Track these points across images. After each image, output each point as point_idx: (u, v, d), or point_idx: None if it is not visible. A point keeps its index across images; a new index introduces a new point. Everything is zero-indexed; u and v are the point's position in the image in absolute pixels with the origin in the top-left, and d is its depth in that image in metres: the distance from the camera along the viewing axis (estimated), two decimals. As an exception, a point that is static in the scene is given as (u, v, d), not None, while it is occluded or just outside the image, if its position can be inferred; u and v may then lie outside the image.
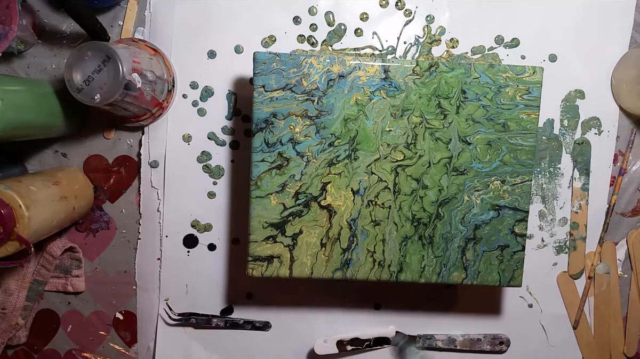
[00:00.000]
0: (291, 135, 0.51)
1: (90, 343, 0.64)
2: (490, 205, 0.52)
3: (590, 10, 0.60)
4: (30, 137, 0.56)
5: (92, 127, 0.61)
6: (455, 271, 0.53)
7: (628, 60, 0.59)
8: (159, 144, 0.61)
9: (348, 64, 0.51)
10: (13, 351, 0.64)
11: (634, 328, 0.63)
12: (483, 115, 0.51)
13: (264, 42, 0.60)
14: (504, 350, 0.63)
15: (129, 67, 0.49)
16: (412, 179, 0.52)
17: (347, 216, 0.52)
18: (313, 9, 0.59)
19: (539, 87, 0.51)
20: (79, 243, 0.63)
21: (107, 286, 0.63)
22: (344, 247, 0.52)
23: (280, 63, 0.50)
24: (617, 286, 0.63)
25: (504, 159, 0.52)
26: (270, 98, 0.51)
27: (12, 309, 0.60)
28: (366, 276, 0.53)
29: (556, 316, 0.63)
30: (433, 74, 0.51)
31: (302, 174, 0.52)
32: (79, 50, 0.49)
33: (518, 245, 0.53)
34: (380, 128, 0.51)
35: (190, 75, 0.60)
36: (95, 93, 0.49)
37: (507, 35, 0.60)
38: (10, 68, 0.60)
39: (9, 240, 0.47)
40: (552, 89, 0.60)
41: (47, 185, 0.53)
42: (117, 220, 0.62)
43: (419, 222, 0.52)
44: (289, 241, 0.52)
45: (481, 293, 0.63)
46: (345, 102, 0.51)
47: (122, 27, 0.60)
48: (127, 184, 0.62)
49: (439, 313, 0.63)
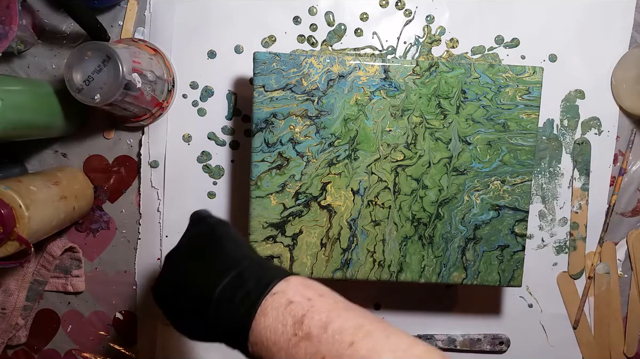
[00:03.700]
0: (291, 135, 0.51)
1: (90, 343, 0.64)
2: (490, 205, 0.52)
3: (590, 10, 0.60)
4: (30, 137, 0.56)
5: (92, 127, 0.61)
6: (455, 271, 0.53)
7: (628, 60, 0.59)
8: (159, 144, 0.61)
9: (348, 64, 0.51)
10: (13, 351, 0.64)
11: (634, 328, 0.63)
12: (483, 115, 0.51)
13: (264, 42, 0.60)
14: (504, 350, 0.63)
15: (129, 67, 0.49)
16: (412, 179, 0.52)
17: (347, 216, 0.52)
18: (313, 9, 0.59)
19: (539, 87, 0.51)
20: (79, 243, 0.63)
21: (107, 286, 0.63)
22: (344, 247, 0.52)
23: (280, 63, 0.50)
24: (617, 286, 0.63)
25: (504, 159, 0.52)
26: (270, 98, 0.51)
27: (12, 309, 0.60)
28: (366, 276, 0.53)
29: (556, 316, 0.63)
30: (433, 74, 0.51)
31: (302, 174, 0.52)
32: (79, 50, 0.49)
33: (518, 245, 0.53)
34: (380, 128, 0.51)
35: (190, 75, 0.60)
36: (95, 93, 0.49)
37: (507, 35, 0.60)
38: (10, 68, 0.60)
39: (9, 240, 0.47)
40: (552, 89, 0.60)
41: (47, 185, 0.53)
42: (117, 220, 0.62)
43: (419, 222, 0.52)
44: (289, 241, 0.52)
45: (481, 293, 0.63)
46: (345, 102, 0.51)
47: (122, 27, 0.60)
48: (127, 184, 0.62)
49: (439, 313, 0.63)
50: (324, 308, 0.32)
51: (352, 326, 0.31)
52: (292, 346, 0.31)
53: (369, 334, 0.30)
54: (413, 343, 0.30)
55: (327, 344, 0.30)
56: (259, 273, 0.35)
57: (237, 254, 0.38)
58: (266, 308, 0.32)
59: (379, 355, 0.29)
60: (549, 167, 0.61)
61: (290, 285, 0.34)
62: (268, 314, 0.32)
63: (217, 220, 0.43)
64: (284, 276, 0.35)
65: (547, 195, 0.62)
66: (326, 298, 0.33)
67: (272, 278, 0.34)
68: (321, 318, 0.31)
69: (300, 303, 0.32)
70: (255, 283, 0.34)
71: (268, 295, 0.33)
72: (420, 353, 0.29)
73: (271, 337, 0.32)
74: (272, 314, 0.32)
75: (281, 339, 0.31)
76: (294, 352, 0.31)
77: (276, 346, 0.31)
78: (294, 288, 0.34)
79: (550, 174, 0.61)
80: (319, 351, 0.30)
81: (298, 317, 0.32)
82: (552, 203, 0.62)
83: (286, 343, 0.31)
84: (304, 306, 0.32)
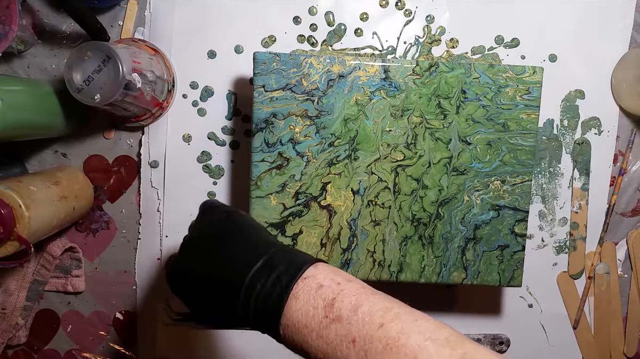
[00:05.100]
0: (291, 135, 0.51)
1: (90, 343, 0.64)
2: (490, 205, 0.52)
3: (590, 10, 0.60)
4: (30, 137, 0.56)
5: (92, 127, 0.61)
6: (455, 271, 0.53)
7: (628, 60, 0.59)
8: (159, 144, 0.61)
9: (348, 64, 0.51)
10: (13, 351, 0.64)
11: (634, 328, 0.63)
12: (483, 115, 0.51)
13: (264, 42, 0.60)
14: (504, 350, 0.63)
15: (129, 67, 0.49)
16: (412, 179, 0.52)
17: (347, 216, 0.52)
18: (313, 9, 0.59)
19: (539, 87, 0.51)
20: (79, 243, 0.63)
21: (107, 286, 0.63)
22: (344, 247, 0.52)
23: (280, 63, 0.50)
24: (617, 286, 0.63)
25: (504, 159, 0.52)
26: (270, 98, 0.51)
27: (12, 309, 0.60)
28: (366, 276, 0.53)
29: (556, 316, 0.63)
30: (433, 74, 0.51)
31: (302, 174, 0.52)
32: (79, 50, 0.49)
33: (518, 245, 0.53)
34: (380, 128, 0.51)
35: (190, 75, 0.60)
36: (95, 93, 0.49)
37: (507, 35, 0.60)
38: (10, 68, 0.60)
39: (9, 240, 0.47)
40: (552, 89, 0.60)
41: (47, 185, 0.53)
42: (117, 220, 0.62)
43: (419, 222, 0.52)
44: (289, 241, 0.52)
45: (481, 293, 0.63)
46: (345, 102, 0.51)
47: (122, 27, 0.60)
48: (127, 184, 0.62)
49: (439, 313, 0.63)
50: (352, 291, 0.33)
51: (380, 308, 0.32)
52: (323, 328, 0.32)
53: (397, 316, 0.31)
54: (440, 326, 0.32)
55: (357, 325, 0.31)
56: (289, 258, 0.36)
57: (262, 240, 0.39)
58: (297, 291, 0.34)
59: (407, 337, 0.30)
60: (549, 167, 0.61)
61: (319, 270, 0.35)
62: (300, 297, 0.33)
63: (232, 209, 0.44)
64: (313, 261, 0.36)
65: (547, 195, 0.62)
66: (354, 283, 0.35)
67: (302, 263, 0.35)
68: (351, 301, 0.32)
69: (331, 287, 0.33)
70: (286, 267, 0.35)
71: (299, 279, 0.34)
72: (447, 335, 0.30)
73: (302, 320, 0.33)
74: (303, 298, 0.33)
75: (312, 321, 0.32)
76: (325, 333, 0.32)
77: (307, 329, 0.33)
78: (323, 272, 0.35)
79: (550, 174, 0.61)
80: (349, 332, 0.31)
81: (329, 300, 0.33)
82: (552, 203, 0.62)
83: (317, 325, 0.32)
84: (334, 289, 0.33)
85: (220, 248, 0.38)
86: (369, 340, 0.30)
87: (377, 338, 0.30)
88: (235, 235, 0.39)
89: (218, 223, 0.41)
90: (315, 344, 0.32)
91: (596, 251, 0.62)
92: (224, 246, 0.38)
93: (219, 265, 0.37)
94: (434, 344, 0.29)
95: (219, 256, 0.38)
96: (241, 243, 0.38)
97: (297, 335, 0.33)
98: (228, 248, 0.38)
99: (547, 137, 0.61)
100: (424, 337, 0.30)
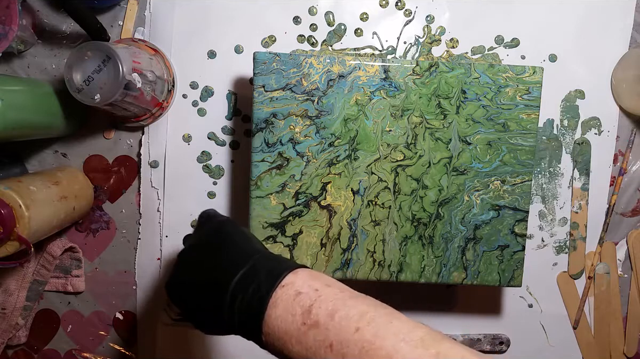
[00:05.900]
0: (291, 135, 0.51)
1: (90, 343, 0.64)
2: (490, 205, 0.52)
3: (590, 10, 0.60)
4: (30, 137, 0.56)
5: (92, 127, 0.61)
6: (455, 271, 0.53)
7: (628, 60, 0.59)
8: (159, 144, 0.61)
9: (348, 64, 0.51)
10: (13, 351, 0.64)
11: (634, 328, 0.63)
12: (483, 115, 0.51)
13: (264, 42, 0.60)
14: (504, 350, 0.63)
15: (129, 67, 0.49)
16: (412, 179, 0.52)
17: (347, 216, 0.52)
18: (313, 9, 0.59)
19: (539, 87, 0.51)
20: (79, 243, 0.63)
21: (107, 286, 0.63)
22: (344, 247, 0.52)
23: (280, 63, 0.50)
24: (617, 286, 0.63)
25: (504, 159, 0.52)
26: (270, 98, 0.51)
27: (12, 309, 0.60)
28: (366, 276, 0.53)
29: (556, 316, 0.63)
30: (433, 74, 0.51)
31: (302, 174, 0.52)
32: (79, 50, 0.49)
33: (518, 245, 0.53)
34: (380, 128, 0.51)
35: (190, 75, 0.60)
36: (95, 93, 0.49)
37: (507, 35, 0.60)
38: (10, 68, 0.60)
39: (9, 240, 0.47)
40: (552, 89, 0.60)
41: (47, 185, 0.53)
42: (117, 220, 0.62)
43: (419, 222, 0.52)
44: (289, 241, 0.52)
45: (481, 293, 0.63)
46: (345, 102, 0.51)
47: (122, 27, 0.60)
48: (127, 184, 0.62)
49: (439, 313, 0.63)
50: (330, 297, 0.34)
51: (357, 313, 0.32)
52: (301, 334, 0.33)
53: (372, 319, 0.32)
54: (415, 326, 0.32)
55: (334, 330, 0.32)
56: (270, 266, 0.37)
57: (248, 248, 0.40)
58: (276, 299, 0.34)
59: (382, 339, 0.31)
60: (549, 167, 0.61)
61: (298, 276, 0.36)
62: (278, 305, 0.34)
63: (224, 218, 0.45)
64: (293, 268, 0.36)
65: (547, 195, 0.62)
66: (333, 288, 0.35)
67: (281, 271, 0.36)
68: (328, 306, 0.33)
69: (308, 294, 0.34)
70: (266, 276, 0.36)
71: (278, 288, 0.35)
72: (422, 335, 0.31)
73: (282, 327, 0.34)
74: (282, 306, 0.34)
75: (291, 328, 0.33)
76: (304, 340, 0.33)
77: (287, 335, 0.33)
78: (302, 279, 0.35)
79: (550, 174, 0.61)
80: (327, 337, 0.32)
81: (306, 307, 0.33)
82: (552, 203, 0.62)
83: (296, 332, 0.33)
84: (311, 296, 0.34)
85: (212, 256, 0.40)
86: (345, 344, 0.31)
87: (353, 342, 0.31)
88: (227, 244, 0.40)
89: (210, 233, 0.43)
90: (296, 350, 0.33)
91: (596, 251, 0.62)
92: (216, 254, 0.40)
93: (208, 272, 0.39)
94: (408, 345, 0.30)
95: (210, 264, 0.39)
96: (231, 251, 0.39)
97: (278, 341, 0.34)
98: (216, 256, 0.39)
99: (547, 137, 0.61)
100: (398, 339, 0.30)
